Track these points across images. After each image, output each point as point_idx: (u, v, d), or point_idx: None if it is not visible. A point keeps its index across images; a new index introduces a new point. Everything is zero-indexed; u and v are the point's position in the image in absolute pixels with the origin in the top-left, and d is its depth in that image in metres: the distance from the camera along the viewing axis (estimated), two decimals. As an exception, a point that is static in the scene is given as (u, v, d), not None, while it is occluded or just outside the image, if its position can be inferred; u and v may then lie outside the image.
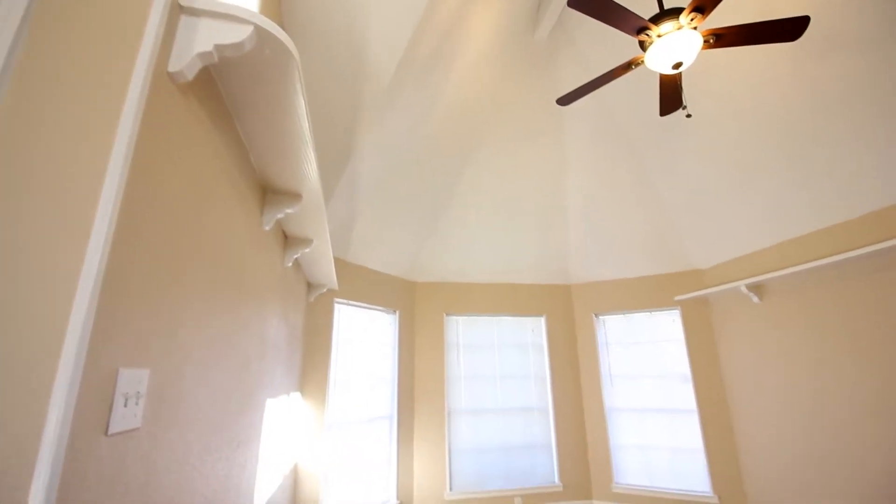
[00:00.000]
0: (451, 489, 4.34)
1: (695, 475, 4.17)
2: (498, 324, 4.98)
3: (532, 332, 5.03)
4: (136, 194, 0.91)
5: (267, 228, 1.94)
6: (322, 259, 2.87)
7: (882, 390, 2.96)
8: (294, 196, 1.93)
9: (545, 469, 4.62)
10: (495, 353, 4.86)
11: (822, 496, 3.30)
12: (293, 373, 2.95)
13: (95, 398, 0.81)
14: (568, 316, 5.11)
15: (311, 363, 3.50)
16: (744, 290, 3.88)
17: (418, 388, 4.52)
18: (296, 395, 3.13)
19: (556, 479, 4.58)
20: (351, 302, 3.97)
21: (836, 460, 3.21)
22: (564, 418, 4.75)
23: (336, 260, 3.85)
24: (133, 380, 0.92)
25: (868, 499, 3.00)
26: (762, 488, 3.77)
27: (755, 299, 3.88)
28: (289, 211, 1.92)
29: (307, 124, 1.45)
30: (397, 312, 4.51)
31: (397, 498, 4.02)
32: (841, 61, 2.63)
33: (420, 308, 4.79)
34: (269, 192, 1.94)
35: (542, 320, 5.06)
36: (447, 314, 4.85)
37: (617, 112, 3.80)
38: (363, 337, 4.11)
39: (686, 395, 4.35)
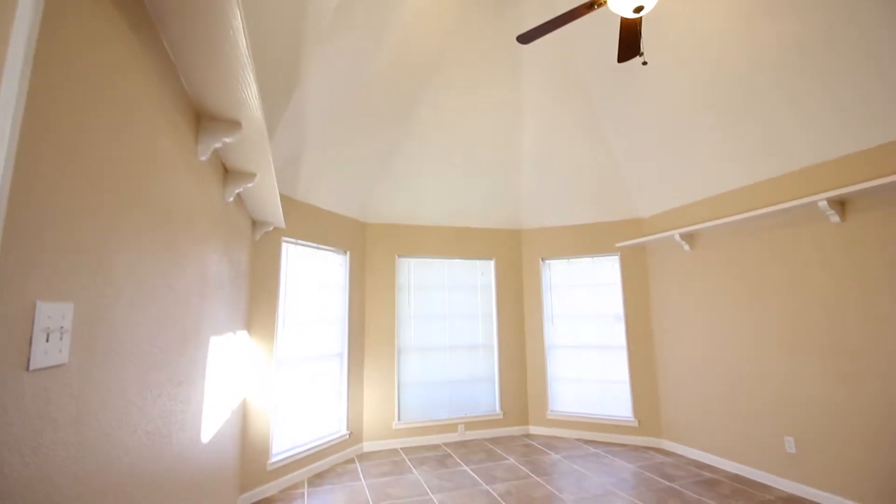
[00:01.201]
0: (399, 419, 4.58)
1: (620, 403, 4.65)
2: (449, 266, 5.07)
3: (482, 275, 5.18)
4: (37, 112, 0.79)
5: (203, 159, 1.80)
6: (267, 195, 2.73)
7: (786, 330, 3.35)
8: (232, 124, 1.78)
9: (488, 399, 4.96)
10: (445, 294, 4.99)
11: (721, 421, 3.79)
12: (239, 311, 2.89)
13: (11, 333, 0.75)
14: (516, 260, 5.28)
15: (258, 302, 3.43)
16: (677, 238, 4.15)
17: (369, 327, 4.60)
18: (243, 334, 3.09)
19: (498, 409, 4.94)
20: (300, 241, 3.87)
21: (737, 392, 3.67)
22: (508, 354, 5.05)
23: (283, 197, 3.68)
24: (54, 313, 0.86)
25: (756, 423, 3.49)
26: (674, 414, 4.28)
27: (686, 248, 4.18)
28: (227, 140, 1.78)
29: (244, 41, 1.31)
30: (348, 253, 4.46)
31: (347, 429, 4.20)
32: (788, 21, 2.69)
33: (371, 249, 4.75)
34: (204, 119, 1.77)
35: (492, 263, 5.20)
36: (399, 256, 4.86)
37: (575, 57, 3.73)
38: (313, 277, 4.05)
39: (618, 334, 4.74)
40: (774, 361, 3.40)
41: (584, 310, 4.95)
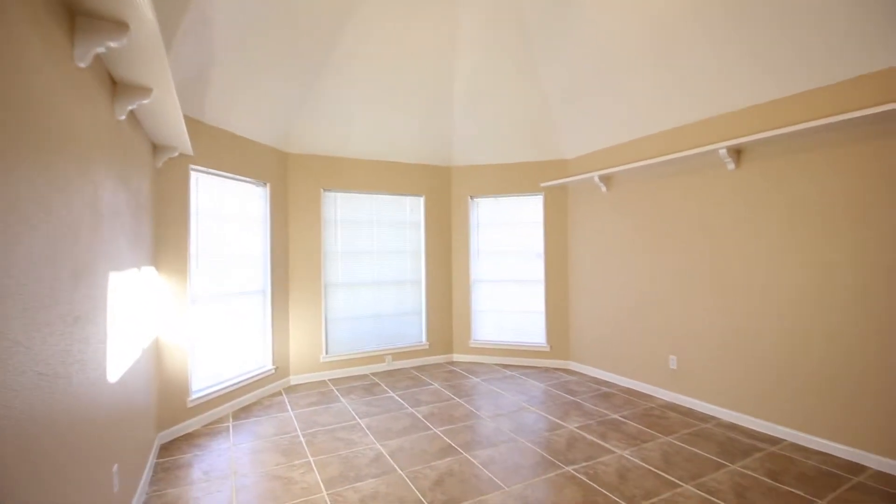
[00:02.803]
0: (326, 353, 4.63)
1: (536, 331, 5.06)
2: (377, 201, 4.96)
3: (411, 211, 5.15)
4: None
5: (82, 65, 1.52)
6: (167, 115, 2.42)
7: (681, 267, 3.77)
8: (118, 25, 1.50)
9: (415, 331, 5.15)
10: (374, 230, 4.93)
11: (618, 345, 4.30)
12: (143, 245, 2.64)
13: None
14: (445, 197, 5.30)
15: (166, 236, 3.15)
16: (596, 180, 4.38)
17: (294, 263, 4.46)
18: (150, 270, 2.85)
19: (424, 339, 5.17)
20: (211, 170, 3.53)
21: (634, 320, 4.14)
22: (435, 289, 5.20)
23: (189, 120, 3.29)
24: None
25: (647, 346, 4.00)
26: (581, 339, 4.76)
27: (603, 189, 4.44)
28: (112, 45, 1.51)
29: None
30: (268, 185, 4.18)
31: (273, 364, 4.18)
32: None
33: (294, 182, 4.49)
34: (79, 16, 1.48)
35: (422, 200, 5.18)
36: (324, 190, 4.65)
37: (512, -17, 3.57)
38: (230, 210, 3.77)
39: (537, 269, 5.05)
40: (668, 293, 3.85)
41: (509, 247, 5.18)
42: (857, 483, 2.43)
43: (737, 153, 3.33)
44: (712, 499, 2.30)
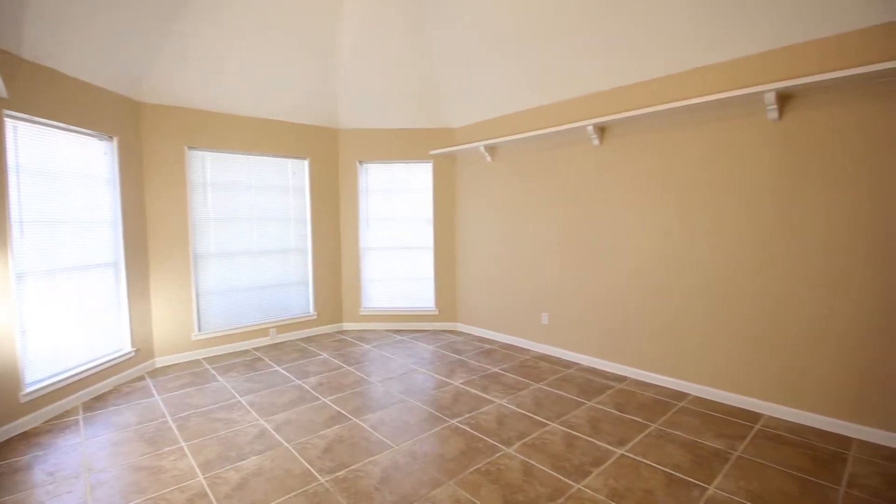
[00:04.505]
0: (199, 330, 4.24)
1: (425, 296, 5.22)
2: (256, 163, 4.55)
3: (294, 175, 4.83)
4: None
5: None
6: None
7: (553, 234, 4.14)
8: None
9: (301, 302, 4.95)
10: (253, 195, 4.53)
11: (499, 305, 4.65)
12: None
13: None
14: (332, 161, 5.07)
15: (-30, 198, 2.53)
16: (482, 150, 4.55)
17: (154, 230, 3.92)
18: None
19: (312, 310, 5.00)
20: (36, 118, 2.89)
21: (512, 282, 4.50)
22: (322, 257, 5.02)
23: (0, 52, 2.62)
24: None
25: (523, 305, 4.39)
26: (467, 302, 5.04)
27: (489, 159, 4.64)
28: None
29: None
30: (115, 139, 3.56)
31: (133, 346, 3.70)
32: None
33: (151, 137, 3.89)
34: None
35: (306, 163, 4.88)
36: (189, 148, 4.12)
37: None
38: (64, 167, 3.14)
39: (427, 236, 5.15)
40: (543, 257, 4.23)
41: (398, 213, 5.18)
42: (681, 407, 3.01)
43: (601, 130, 3.70)
44: (573, 432, 2.67)
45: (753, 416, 2.84)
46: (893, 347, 2.42)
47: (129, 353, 3.64)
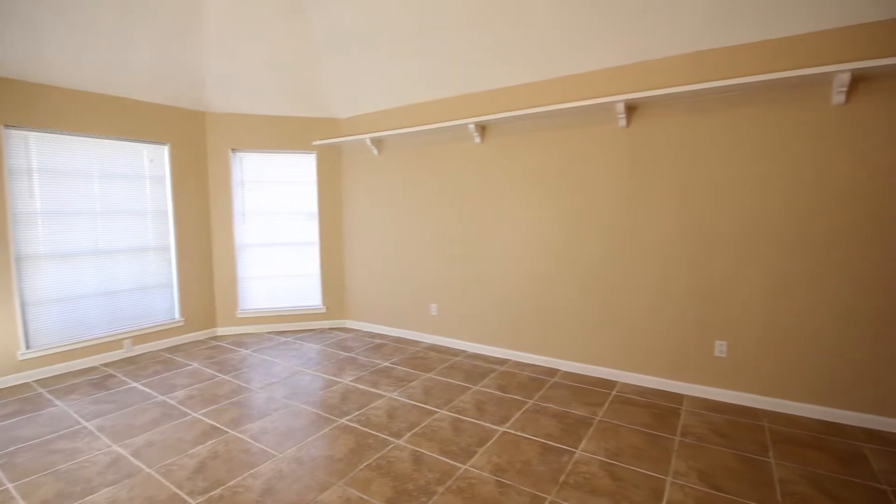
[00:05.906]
0: (27, 348, 3.51)
1: (311, 294, 4.98)
2: (101, 148, 3.88)
3: (152, 163, 4.23)
4: None
5: None
6: None
7: (437, 227, 4.24)
8: None
9: (164, 307, 4.38)
10: (96, 184, 3.86)
11: (388, 299, 4.65)
12: None
13: None
14: (199, 148, 4.54)
15: None
16: (368, 142, 4.48)
17: (-48, 228, 3.13)
18: None
19: (178, 315, 4.46)
20: None
21: (401, 275, 4.53)
22: (189, 256, 4.50)
23: None
24: None
25: (413, 299, 4.45)
26: (356, 298, 4.95)
27: (375, 152, 4.58)
28: None
29: None
30: None
31: (-75, 373, 2.92)
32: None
33: (-57, 110, 3.08)
34: None
35: (166, 149, 4.30)
36: (6, 127, 3.36)
37: None
38: None
39: (311, 231, 4.92)
40: (429, 250, 4.33)
41: (278, 207, 4.85)
42: (554, 382, 3.33)
43: (482, 129, 3.89)
44: (460, 416, 2.79)
45: (610, 385, 3.27)
46: (704, 317, 2.97)
47: (-81, 383, 2.87)
